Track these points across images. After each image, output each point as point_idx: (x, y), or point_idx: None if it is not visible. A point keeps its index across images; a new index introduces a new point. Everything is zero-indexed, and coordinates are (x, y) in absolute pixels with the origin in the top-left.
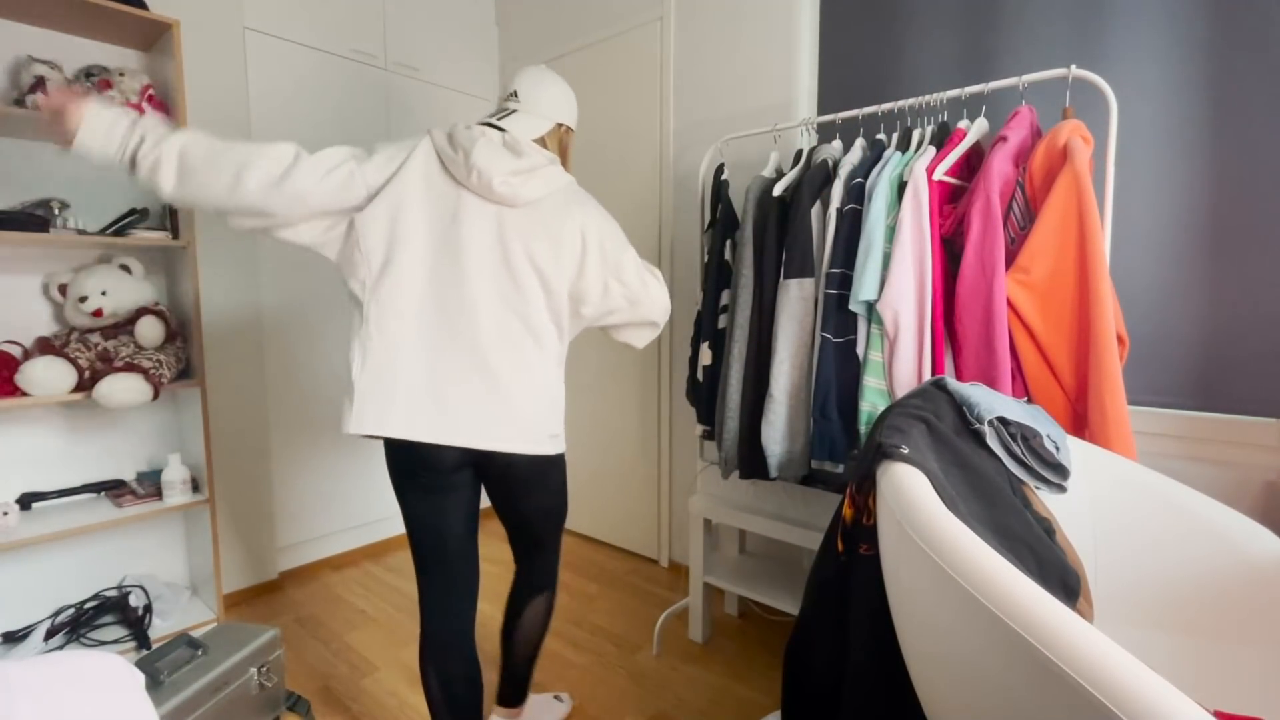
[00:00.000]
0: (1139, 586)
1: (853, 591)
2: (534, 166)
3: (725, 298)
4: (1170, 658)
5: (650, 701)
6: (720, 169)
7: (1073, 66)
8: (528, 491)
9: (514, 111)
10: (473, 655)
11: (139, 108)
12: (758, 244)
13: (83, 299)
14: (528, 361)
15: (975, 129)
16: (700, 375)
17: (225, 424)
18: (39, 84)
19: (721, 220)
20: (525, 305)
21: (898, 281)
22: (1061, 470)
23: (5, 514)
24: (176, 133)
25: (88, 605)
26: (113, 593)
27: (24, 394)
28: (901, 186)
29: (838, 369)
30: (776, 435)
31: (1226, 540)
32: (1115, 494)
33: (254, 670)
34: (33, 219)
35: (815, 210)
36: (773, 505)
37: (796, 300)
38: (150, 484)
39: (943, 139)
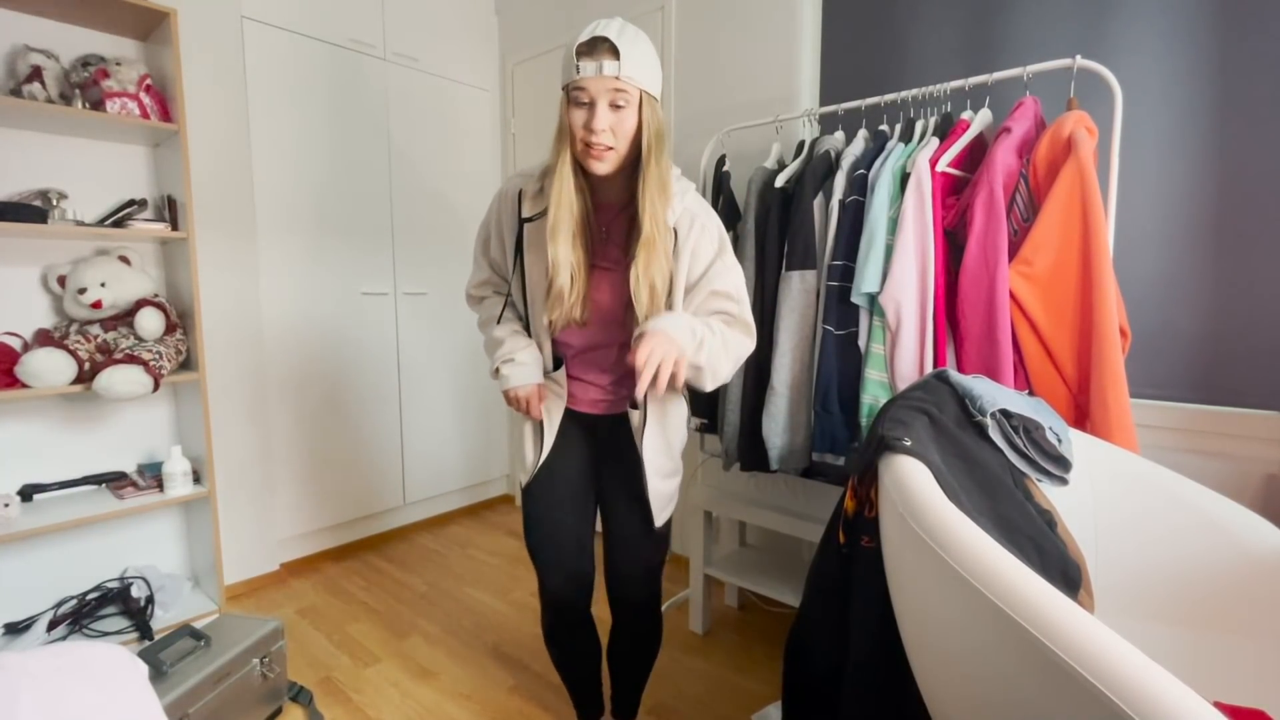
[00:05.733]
0: (1140, 578)
1: (854, 584)
2: None
3: None
4: (1171, 649)
5: (651, 692)
6: (722, 160)
7: (1078, 57)
8: None
9: None
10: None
11: (136, 98)
12: (759, 236)
13: (81, 291)
14: None
15: (979, 120)
16: None
17: (226, 416)
18: (35, 73)
19: (723, 212)
20: None
21: (900, 274)
22: (1063, 463)
23: (7, 506)
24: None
25: (90, 596)
26: (115, 584)
27: (24, 386)
28: (904, 178)
29: (839, 361)
30: (777, 428)
31: (1227, 533)
32: (1116, 486)
33: (256, 661)
34: (30, 210)
35: (817, 202)
36: (773, 497)
37: (798, 292)
38: (151, 476)
39: (946, 130)
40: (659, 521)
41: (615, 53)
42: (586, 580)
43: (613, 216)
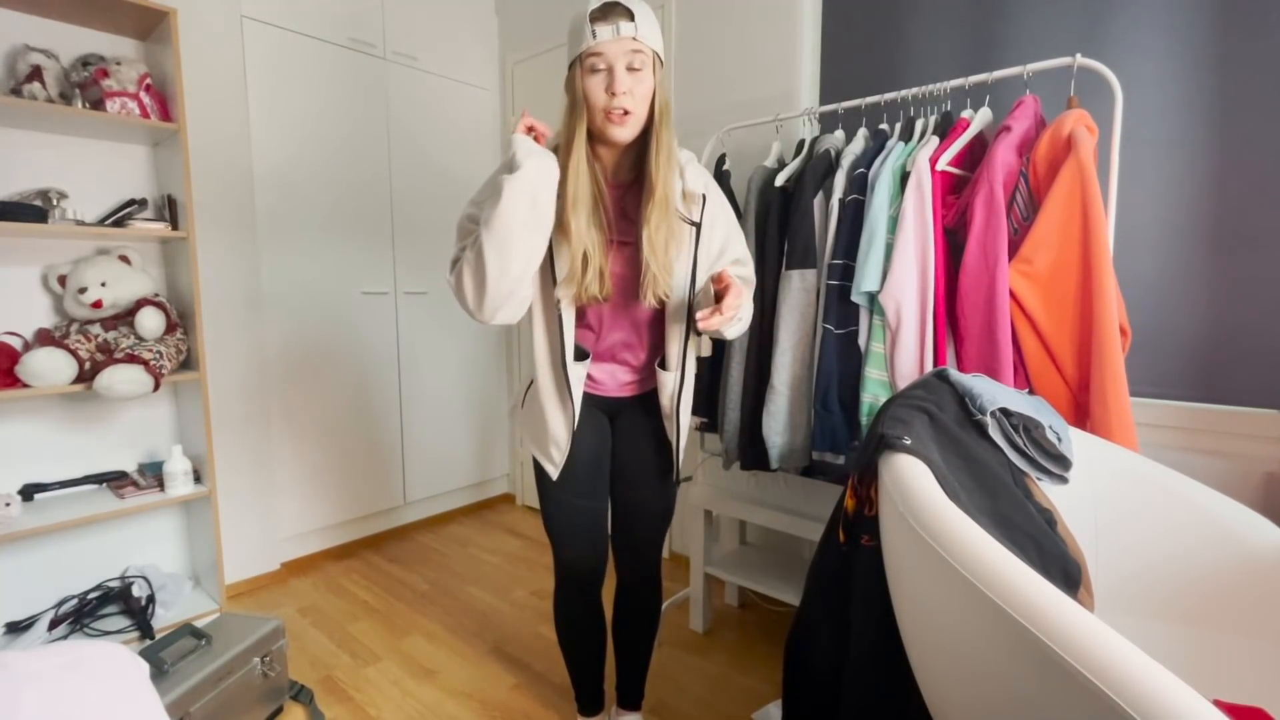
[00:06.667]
0: (1139, 577)
1: (854, 582)
2: None
3: None
4: (1170, 647)
5: (651, 691)
6: (722, 159)
7: (1078, 55)
8: None
9: None
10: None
11: (136, 97)
12: (760, 235)
13: (82, 290)
14: None
15: (979, 119)
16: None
17: (227, 415)
18: (35, 73)
19: None
20: None
21: (900, 272)
22: (1063, 461)
23: (8, 505)
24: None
25: (91, 596)
26: (115, 583)
27: (25, 385)
28: (904, 177)
29: (839, 360)
30: (778, 426)
31: (1227, 531)
32: (1116, 485)
33: (257, 660)
34: (31, 209)
35: (817, 201)
36: (774, 496)
37: (798, 291)
38: (152, 475)
39: (946, 129)
40: (685, 473)
41: (629, 14)
42: (601, 558)
43: (622, 193)
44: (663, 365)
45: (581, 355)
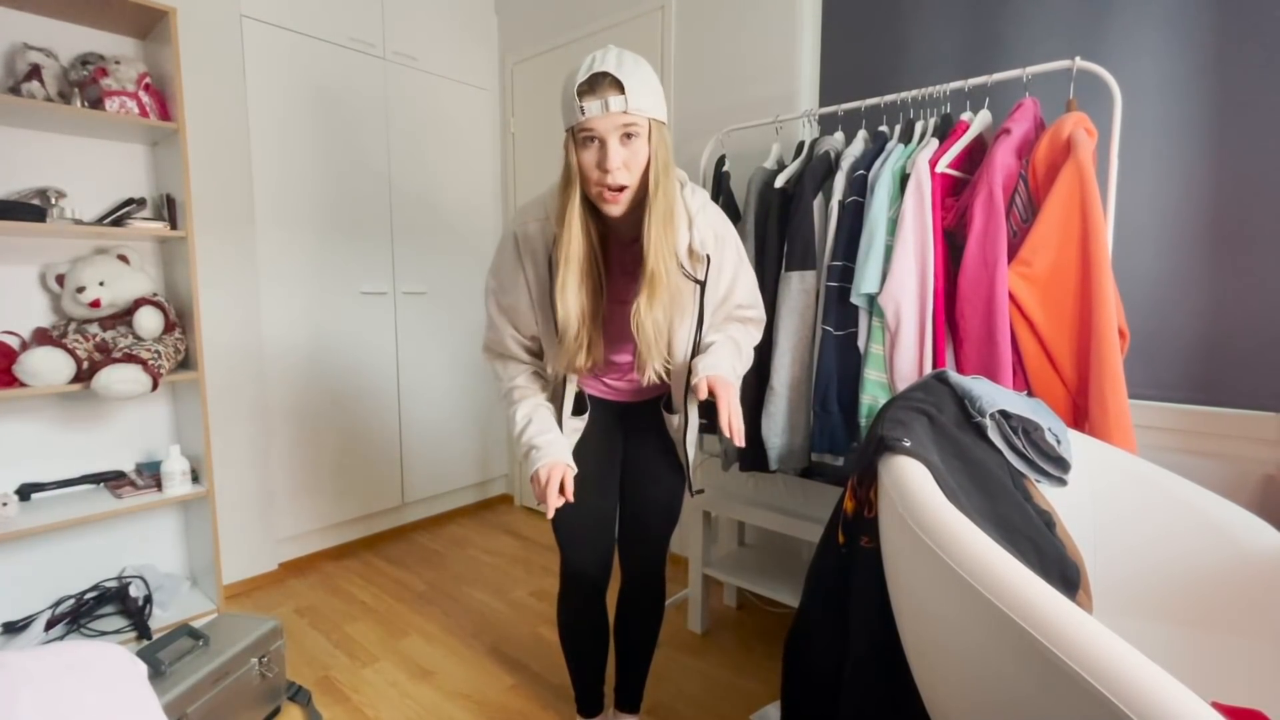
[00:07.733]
0: (1138, 578)
1: (853, 584)
2: None
3: None
4: (1168, 649)
5: (650, 692)
6: (721, 160)
7: (1077, 58)
8: None
9: None
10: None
11: (135, 96)
12: (759, 236)
13: (80, 290)
14: None
15: (978, 121)
16: None
17: (225, 415)
18: (34, 71)
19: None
20: None
21: (899, 274)
22: (1062, 463)
23: (5, 504)
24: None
25: (88, 596)
26: (113, 583)
27: (22, 385)
28: (904, 179)
29: (839, 362)
30: (777, 428)
31: (1225, 533)
32: (1115, 487)
33: (255, 661)
34: (29, 208)
35: (817, 202)
36: (772, 498)
37: (798, 293)
38: (150, 475)
39: (945, 131)
40: (696, 485)
41: (619, 86)
42: (606, 559)
43: (625, 248)
44: (668, 408)
45: (580, 410)
